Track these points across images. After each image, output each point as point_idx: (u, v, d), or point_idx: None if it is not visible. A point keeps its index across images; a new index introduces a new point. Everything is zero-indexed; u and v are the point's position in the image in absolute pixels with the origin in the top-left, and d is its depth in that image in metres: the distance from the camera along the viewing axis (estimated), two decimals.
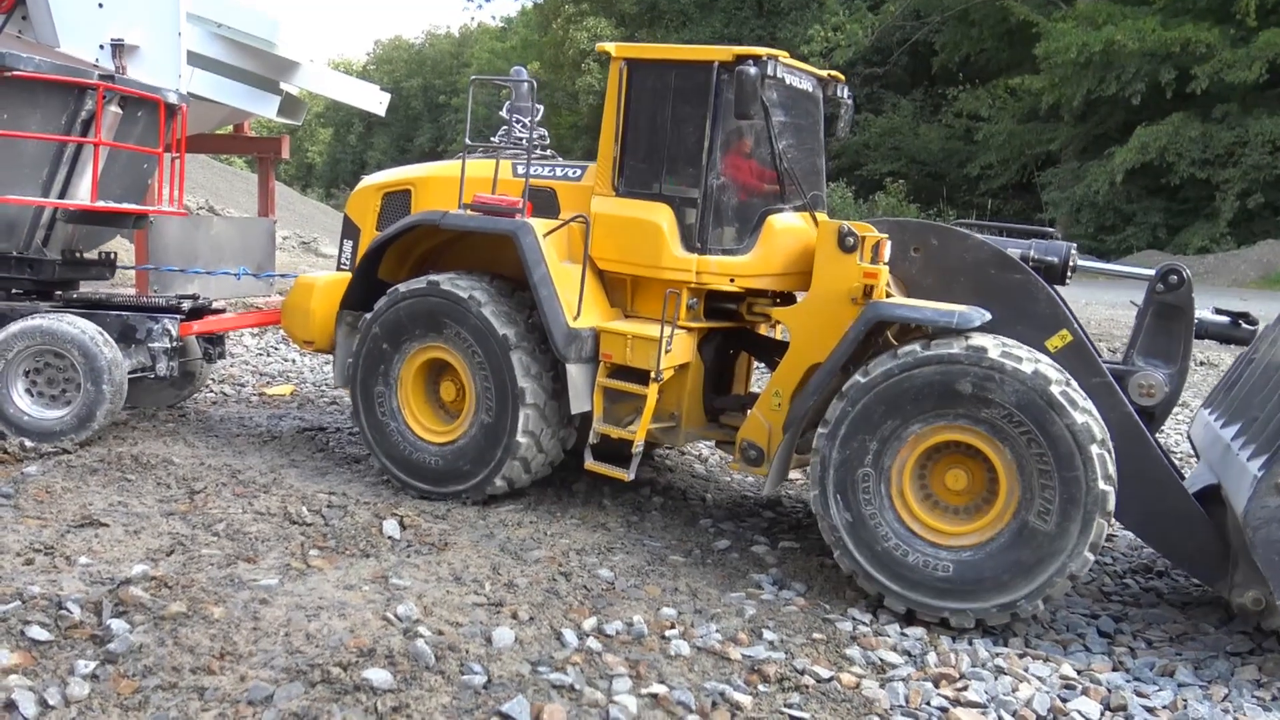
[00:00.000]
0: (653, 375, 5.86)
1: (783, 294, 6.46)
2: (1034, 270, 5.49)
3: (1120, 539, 6.68)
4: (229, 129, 15.12)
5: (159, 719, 3.50)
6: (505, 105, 7.21)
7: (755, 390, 7.02)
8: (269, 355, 11.20)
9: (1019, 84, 32.82)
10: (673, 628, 4.71)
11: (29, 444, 6.57)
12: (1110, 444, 4.82)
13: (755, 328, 6.72)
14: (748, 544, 6.13)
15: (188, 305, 7.45)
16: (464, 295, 6.15)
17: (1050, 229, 6.27)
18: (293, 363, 10.95)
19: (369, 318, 6.58)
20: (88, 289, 8.50)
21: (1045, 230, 6.11)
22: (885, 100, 38.02)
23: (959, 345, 4.94)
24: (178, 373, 7.32)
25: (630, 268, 6.22)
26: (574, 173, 6.63)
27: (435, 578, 5.04)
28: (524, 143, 6.98)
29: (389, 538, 5.53)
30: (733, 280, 6.05)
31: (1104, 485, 4.72)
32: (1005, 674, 4.56)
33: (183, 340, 7.35)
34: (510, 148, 6.93)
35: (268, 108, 13.19)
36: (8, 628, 3.95)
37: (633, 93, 6.15)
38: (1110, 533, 5.69)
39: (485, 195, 6.42)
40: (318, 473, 6.80)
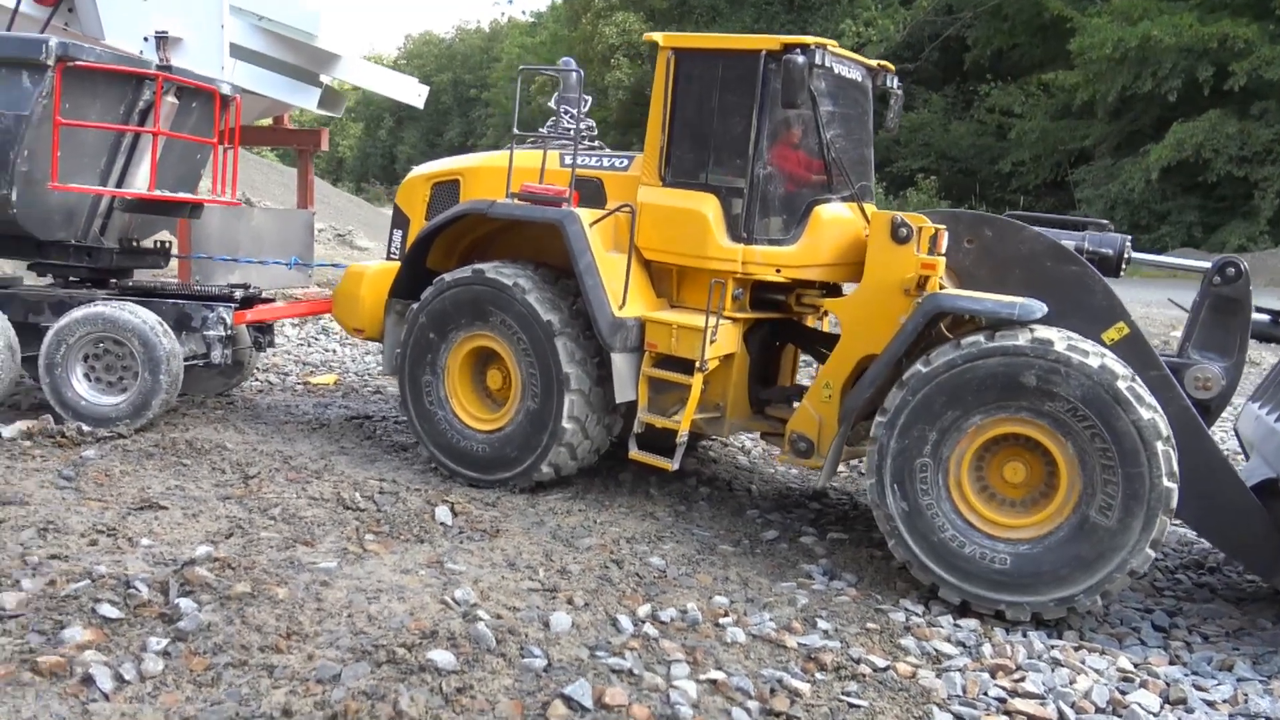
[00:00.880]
0: (697, 365, 5.87)
1: (829, 285, 6.45)
2: (1089, 262, 5.46)
3: (1171, 534, 6.62)
4: (268, 121, 15.23)
5: (232, 695, 3.56)
6: (554, 96, 7.23)
7: (800, 383, 7.02)
8: (309, 345, 11.29)
9: (1052, 80, 32.37)
10: (726, 615, 4.74)
11: (85, 428, 6.67)
12: (1174, 441, 4.78)
13: (802, 319, 6.71)
14: (796, 535, 6.13)
15: (240, 294, 7.54)
16: (508, 282, 6.19)
17: (1104, 220, 6.21)
18: (334, 353, 11.04)
19: (416, 307, 6.63)
20: (141, 277, 8.61)
21: (1099, 221, 6.05)
22: (917, 96, 37.61)
23: (1024, 337, 4.91)
24: (230, 361, 7.41)
25: (676, 257, 6.23)
26: (621, 163, 6.65)
27: (489, 563, 5.09)
28: (571, 133, 7.01)
29: (441, 524, 5.58)
30: (779, 270, 6.04)
31: (1168, 482, 4.69)
32: (1062, 666, 4.54)
33: (235, 329, 7.44)
34: (558, 138, 6.95)
35: (309, 100, 13.26)
36: (79, 605, 4.02)
37: (679, 82, 6.15)
38: None
39: (532, 184, 6.45)
40: (367, 459, 6.86)
